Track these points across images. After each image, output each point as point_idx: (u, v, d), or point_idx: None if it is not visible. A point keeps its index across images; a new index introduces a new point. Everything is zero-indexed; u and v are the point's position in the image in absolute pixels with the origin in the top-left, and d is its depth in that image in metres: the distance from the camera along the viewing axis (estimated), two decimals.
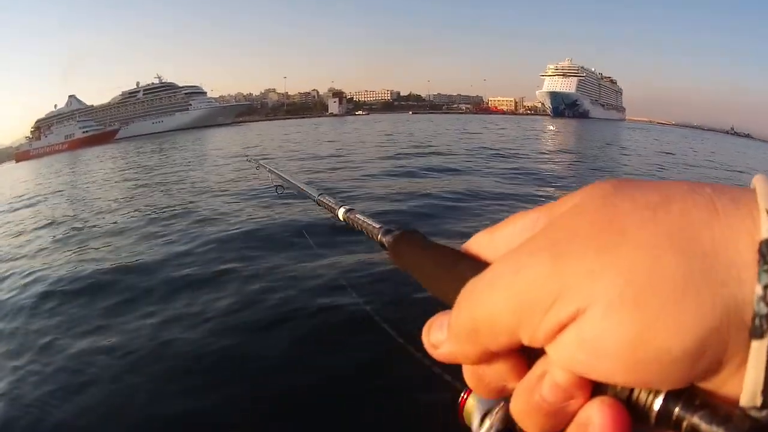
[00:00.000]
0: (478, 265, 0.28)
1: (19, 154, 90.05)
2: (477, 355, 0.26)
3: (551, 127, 46.07)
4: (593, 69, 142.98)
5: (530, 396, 0.25)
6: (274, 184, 1.18)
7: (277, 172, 1.17)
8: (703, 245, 0.21)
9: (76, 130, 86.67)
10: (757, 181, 0.23)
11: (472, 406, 0.48)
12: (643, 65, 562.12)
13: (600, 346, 0.21)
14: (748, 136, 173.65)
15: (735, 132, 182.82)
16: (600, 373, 0.22)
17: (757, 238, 0.20)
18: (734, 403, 0.21)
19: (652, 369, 0.21)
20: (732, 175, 15.76)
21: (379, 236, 0.44)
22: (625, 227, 0.22)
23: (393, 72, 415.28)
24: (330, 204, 0.66)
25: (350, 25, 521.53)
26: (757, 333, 0.19)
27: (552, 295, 0.22)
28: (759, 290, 0.19)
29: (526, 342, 0.24)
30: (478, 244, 0.31)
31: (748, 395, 0.20)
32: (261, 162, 1.50)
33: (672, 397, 0.22)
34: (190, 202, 8.80)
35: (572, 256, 0.23)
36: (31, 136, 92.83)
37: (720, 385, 0.21)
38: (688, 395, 0.22)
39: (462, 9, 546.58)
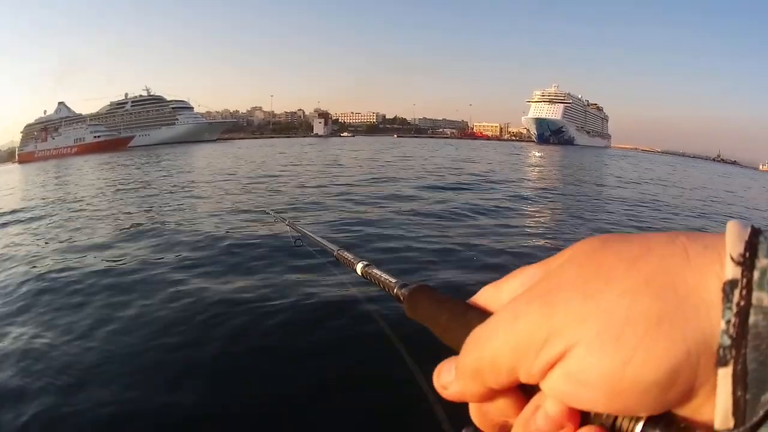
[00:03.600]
0: (484, 315, 0.33)
1: (22, 155, 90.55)
2: (481, 394, 0.31)
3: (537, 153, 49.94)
4: (580, 96, 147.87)
5: (526, 427, 0.29)
6: (293, 236, 1.26)
7: (296, 227, 1.28)
8: (676, 288, 0.25)
9: (86, 135, 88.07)
10: (728, 227, 0.26)
11: None
12: (630, 91, 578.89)
13: (584, 379, 0.26)
14: (734, 163, 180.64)
15: (722, 159, 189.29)
16: (585, 402, 0.26)
17: (723, 279, 0.24)
18: (710, 427, 0.24)
19: (630, 397, 0.25)
20: None
21: (395, 290, 0.49)
22: (610, 276, 0.27)
23: (379, 94, 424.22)
24: (349, 259, 0.71)
25: (338, 47, 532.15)
26: (722, 362, 0.23)
27: (543, 337, 0.27)
28: (723, 325, 0.24)
29: (523, 379, 0.29)
30: (484, 296, 0.36)
31: (720, 418, 0.24)
32: (281, 216, 1.68)
33: (651, 423, 0.25)
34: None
35: (561, 303, 0.27)
36: (36, 137, 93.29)
37: (695, 410, 0.25)
38: (666, 421, 0.25)
39: (449, 34, 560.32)
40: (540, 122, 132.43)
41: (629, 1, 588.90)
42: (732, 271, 0.24)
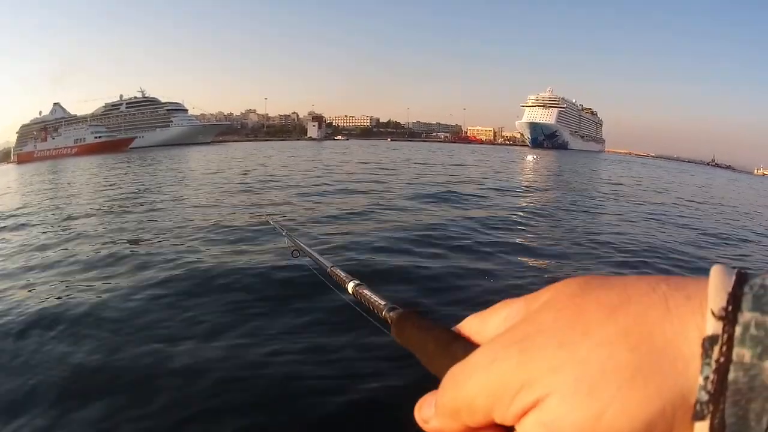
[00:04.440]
0: (468, 347, 0.34)
1: (21, 155, 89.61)
2: (459, 430, 0.32)
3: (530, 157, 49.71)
4: (574, 100, 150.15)
5: None
6: (290, 247, 1.28)
7: (294, 239, 1.31)
8: (654, 341, 0.25)
9: (87, 135, 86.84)
10: (711, 275, 0.26)
11: None
12: (624, 96, 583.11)
13: (557, 428, 0.26)
14: (729, 167, 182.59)
15: (716, 163, 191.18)
16: None
17: (703, 334, 0.24)
18: None
19: None
20: None
21: (384, 313, 0.49)
22: (587, 326, 0.27)
23: (373, 98, 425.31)
24: (341, 276, 0.71)
25: (333, 51, 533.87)
26: (698, 416, 0.24)
27: (518, 384, 0.27)
28: (701, 381, 0.24)
29: (498, 421, 0.29)
30: (469, 326, 0.37)
31: None
32: (280, 226, 1.73)
33: None
34: None
35: (537, 351, 0.28)
36: (36, 137, 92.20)
37: None
38: None
39: (443, 38, 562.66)
40: (534, 126, 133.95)
41: (624, 5, 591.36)
42: (712, 327, 0.24)
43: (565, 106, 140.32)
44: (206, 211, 11.41)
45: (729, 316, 0.24)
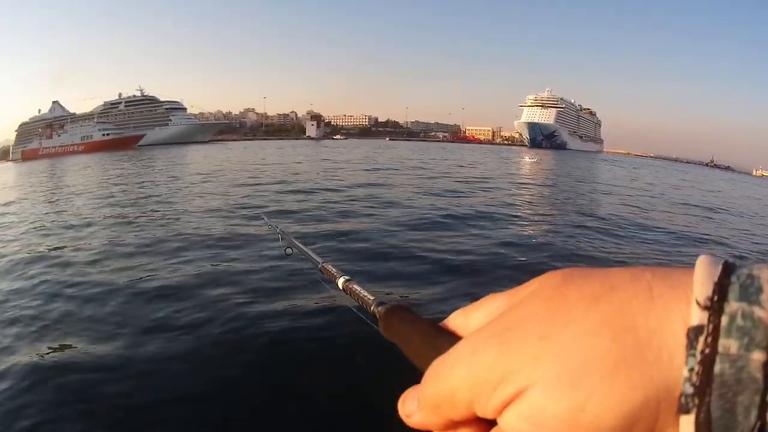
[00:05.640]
0: (452, 341, 0.33)
1: (26, 152, 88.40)
2: (442, 424, 0.32)
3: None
4: (573, 100, 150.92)
5: None
6: (283, 245, 1.31)
7: (287, 236, 1.34)
8: (638, 331, 0.25)
9: (94, 132, 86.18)
10: (697, 265, 0.26)
11: None
12: (623, 96, 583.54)
13: (538, 421, 0.26)
14: (728, 168, 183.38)
15: (715, 164, 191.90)
16: None
17: (688, 324, 0.24)
18: None
19: None
20: None
21: (372, 308, 0.50)
22: (569, 316, 0.27)
23: (372, 97, 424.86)
24: (332, 272, 0.73)
25: (332, 50, 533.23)
26: (683, 409, 0.23)
27: (498, 376, 0.27)
28: (686, 372, 0.23)
29: (479, 414, 0.29)
30: (455, 322, 0.37)
31: None
32: (273, 224, 1.73)
33: None
34: None
35: (517, 342, 0.27)
36: (41, 134, 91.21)
37: None
38: None
39: (443, 38, 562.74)
40: (533, 126, 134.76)
41: (624, 5, 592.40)
42: (698, 317, 0.24)
43: (563, 106, 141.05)
44: None
45: (715, 306, 0.23)
